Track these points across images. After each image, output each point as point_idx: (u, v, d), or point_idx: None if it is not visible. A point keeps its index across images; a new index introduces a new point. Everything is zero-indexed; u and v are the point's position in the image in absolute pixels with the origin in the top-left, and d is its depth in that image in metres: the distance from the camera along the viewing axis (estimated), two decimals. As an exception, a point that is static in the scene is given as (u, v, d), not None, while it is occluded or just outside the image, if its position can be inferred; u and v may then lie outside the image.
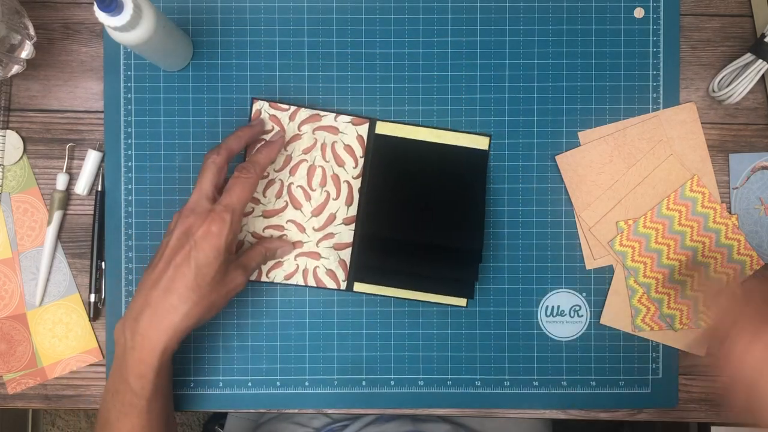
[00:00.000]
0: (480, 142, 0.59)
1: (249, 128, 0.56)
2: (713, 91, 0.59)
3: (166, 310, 0.49)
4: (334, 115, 0.59)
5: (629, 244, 0.59)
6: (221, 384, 0.59)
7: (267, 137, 0.58)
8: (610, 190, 0.59)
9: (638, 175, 0.59)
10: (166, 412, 0.53)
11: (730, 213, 0.59)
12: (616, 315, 0.59)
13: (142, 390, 0.50)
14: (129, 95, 0.59)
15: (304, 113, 0.59)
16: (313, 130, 0.59)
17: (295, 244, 0.59)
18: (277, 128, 0.58)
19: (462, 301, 0.59)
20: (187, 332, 0.51)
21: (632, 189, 0.59)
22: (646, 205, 0.59)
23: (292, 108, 0.58)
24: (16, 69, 0.57)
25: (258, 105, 0.59)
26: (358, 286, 0.59)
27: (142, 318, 0.50)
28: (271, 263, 0.59)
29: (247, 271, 0.54)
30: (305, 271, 0.59)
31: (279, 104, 0.59)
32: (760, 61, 0.56)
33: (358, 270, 0.58)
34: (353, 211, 0.59)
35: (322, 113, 0.59)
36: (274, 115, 0.58)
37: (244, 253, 0.55)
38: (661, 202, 0.59)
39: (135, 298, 0.51)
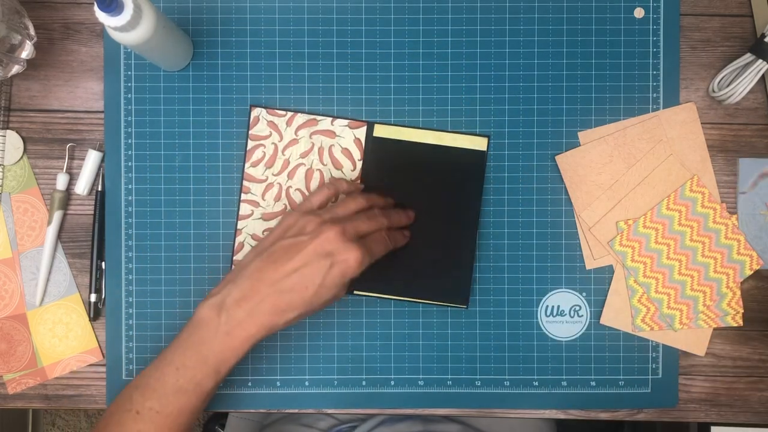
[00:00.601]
0: (478, 143, 0.59)
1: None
2: (713, 91, 0.58)
3: (272, 310, 0.49)
4: (330, 119, 0.59)
5: (629, 244, 0.59)
6: (221, 384, 0.59)
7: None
8: (610, 190, 0.59)
9: (638, 175, 0.59)
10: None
11: (730, 213, 0.59)
12: (616, 315, 0.59)
13: (216, 374, 0.50)
14: (129, 95, 0.59)
15: (300, 118, 0.59)
16: (310, 135, 0.59)
17: None
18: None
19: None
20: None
21: (632, 189, 0.59)
22: (646, 205, 0.59)
23: (289, 113, 0.59)
24: (16, 69, 0.57)
25: (255, 112, 0.59)
26: (358, 290, 0.59)
27: (244, 306, 0.49)
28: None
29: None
30: None
31: (276, 110, 0.59)
32: (760, 61, 0.56)
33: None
34: None
35: (318, 117, 0.59)
36: (271, 121, 0.59)
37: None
38: (661, 202, 0.59)
39: (238, 280, 0.50)
